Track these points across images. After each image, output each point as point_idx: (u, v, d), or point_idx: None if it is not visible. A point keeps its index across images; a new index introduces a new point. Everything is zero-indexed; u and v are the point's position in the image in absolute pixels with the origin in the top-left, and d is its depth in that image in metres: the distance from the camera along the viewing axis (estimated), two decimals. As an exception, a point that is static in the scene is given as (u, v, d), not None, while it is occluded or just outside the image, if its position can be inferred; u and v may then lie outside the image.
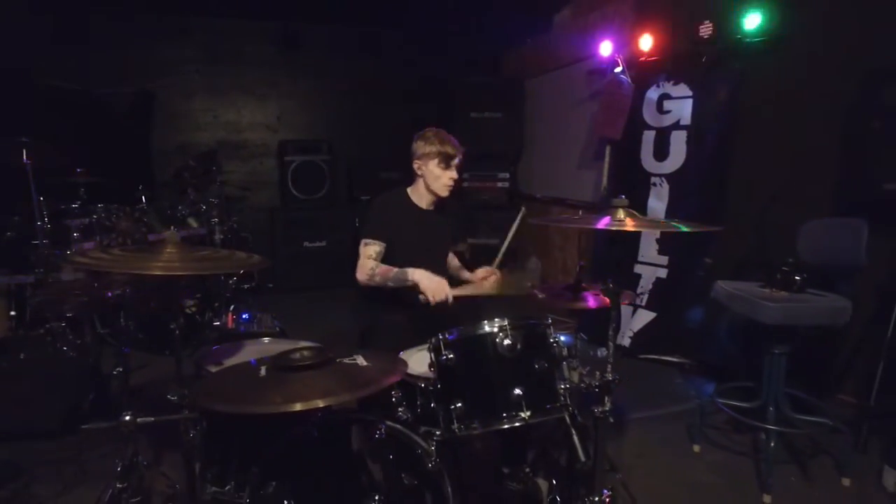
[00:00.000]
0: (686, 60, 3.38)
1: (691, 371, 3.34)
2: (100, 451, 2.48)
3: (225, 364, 1.74)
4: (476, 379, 1.40)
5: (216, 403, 1.19)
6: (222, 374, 1.42)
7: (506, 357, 1.37)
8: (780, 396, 2.26)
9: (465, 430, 1.37)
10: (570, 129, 4.86)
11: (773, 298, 2.14)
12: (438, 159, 2.08)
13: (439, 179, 2.10)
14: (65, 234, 3.44)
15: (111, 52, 5.01)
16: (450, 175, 2.10)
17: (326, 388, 1.24)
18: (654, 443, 2.59)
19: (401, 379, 1.39)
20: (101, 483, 2.17)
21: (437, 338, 1.45)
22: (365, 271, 2.03)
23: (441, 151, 2.07)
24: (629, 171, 3.76)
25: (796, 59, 2.90)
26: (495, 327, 1.38)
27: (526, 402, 1.34)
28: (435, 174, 2.09)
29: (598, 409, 1.56)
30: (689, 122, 3.39)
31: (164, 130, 5.36)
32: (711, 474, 2.32)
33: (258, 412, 1.20)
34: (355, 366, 1.41)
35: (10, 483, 2.26)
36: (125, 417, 1.28)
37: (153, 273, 1.28)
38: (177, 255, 1.38)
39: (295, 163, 5.29)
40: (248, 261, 1.44)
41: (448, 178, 2.10)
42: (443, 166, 2.08)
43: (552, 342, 1.45)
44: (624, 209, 1.50)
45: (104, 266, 1.32)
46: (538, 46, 5.35)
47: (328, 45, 5.70)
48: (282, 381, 1.31)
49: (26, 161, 3.07)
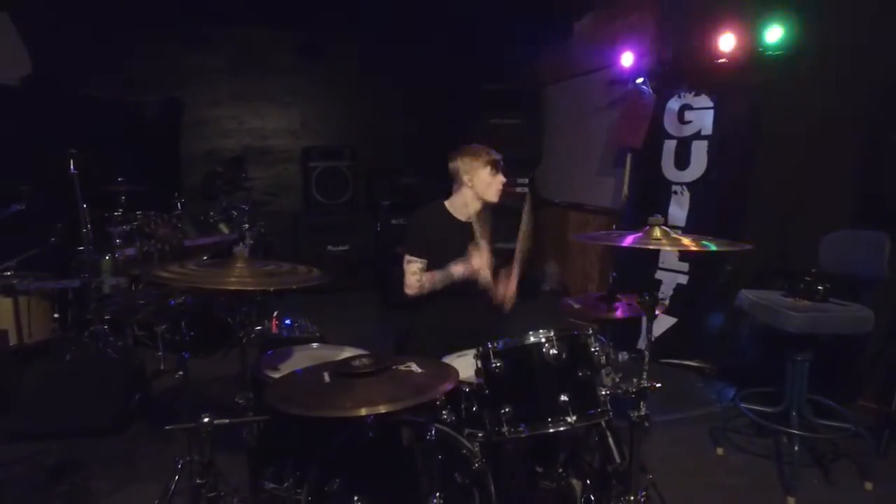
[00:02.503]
0: (707, 72, 3.45)
1: (711, 375, 3.42)
2: (148, 450, 2.63)
3: (281, 369, 1.86)
4: (523, 386, 1.51)
5: (292, 407, 1.30)
6: (289, 379, 1.53)
7: (552, 365, 1.47)
8: (803, 402, 2.34)
9: (514, 432, 1.48)
10: (588, 136, 4.95)
11: (796, 308, 2.22)
12: (490, 167, 2.24)
13: (491, 186, 2.25)
14: (107, 241, 3.60)
15: (140, 61, 5.18)
16: (500, 179, 2.27)
17: (391, 394, 1.35)
18: (678, 445, 2.67)
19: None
20: (154, 480, 2.33)
21: (485, 347, 1.56)
22: (412, 285, 2.17)
23: (491, 160, 2.24)
24: (650, 179, 3.84)
25: (818, 72, 2.97)
26: (542, 338, 1.49)
27: (572, 407, 1.44)
28: (487, 181, 2.25)
29: (635, 414, 1.66)
30: (710, 132, 3.48)
31: (191, 137, 5.51)
32: (735, 476, 2.41)
33: (331, 416, 1.30)
34: (411, 372, 1.52)
35: (70, 478, 2.39)
36: (204, 419, 1.39)
37: (230, 288, 1.40)
38: (247, 270, 1.50)
39: (319, 169, 5.43)
40: (310, 275, 1.55)
41: (499, 182, 2.27)
42: (493, 172, 2.25)
43: (593, 351, 1.55)
44: (660, 227, 1.60)
45: (185, 281, 1.44)
46: (558, 54, 5.44)
47: (349, 53, 5.83)
48: (346, 386, 1.42)
49: (73, 171, 3.22)
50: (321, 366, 1.61)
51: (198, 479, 1.35)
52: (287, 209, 5.65)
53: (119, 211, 3.52)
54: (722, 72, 3.36)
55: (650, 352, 1.67)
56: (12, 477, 2.39)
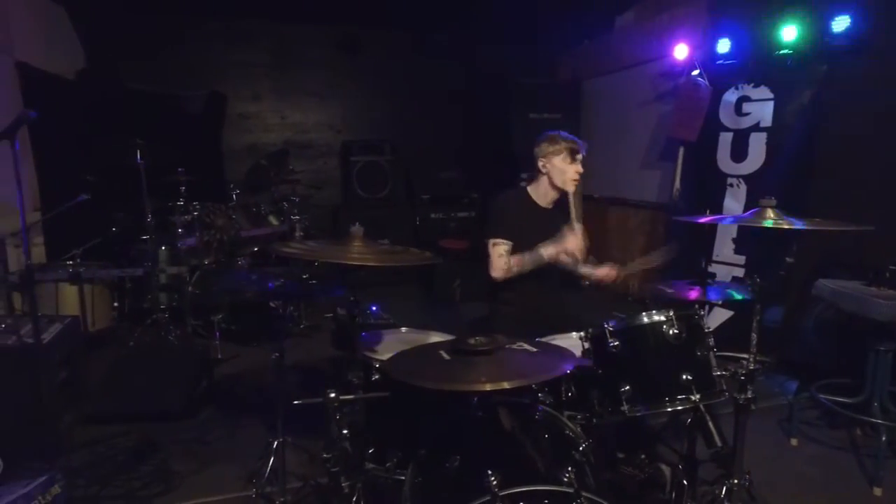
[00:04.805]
0: (768, 63, 3.43)
1: (771, 368, 3.39)
2: (221, 433, 2.68)
3: (379, 350, 1.88)
4: (644, 365, 1.51)
5: (425, 381, 1.32)
6: (407, 355, 1.55)
7: (672, 345, 1.48)
8: (885, 392, 2.32)
9: (633, 411, 1.48)
10: (632, 130, 4.93)
11: (884, 296, 2.20)
12: (565, 153, 2.22)
13: (565, 173, 2.23)
14: (167, 231, 3.66)
15: (184, 55, 5.25)
16: (576, 168, 2.24)
17: (519, 370, 1.36)
18: (748, 436, 2.65)
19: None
20: (233, 461, 2.37)
21: (599, 327, 1.56)
22: (500, 267, 2.16)
23: (568, 146, 2.22)
24: (704, 172, 3.82)
25: (884, 64, 2.94)
26: (662, 317, 1.49)
27: (695, 386, 1.45)
28: (561, 168, 2.23)
29: (742, 397, 1.66)
30: (769, 123, 3.45)
31: (234, 131, 5.58)
32: (814, 466, 2.39)
33: (468, 389, 1.32)
34: (526, 351, 1.53)
35: (151, 459, 2.44)
36: (330, 395, 1.41)
37: (352, 263, 1.42)
38: (365, 248, 1.52)
39: (360, 163, 5.46)
40: (422, 255, 1.57)
41: (574, 171, 2.23)
42: (569, 160, 2.22)
43: (707, 331, 1.55)
44: (773, 209, 1.59)
45: (309, 255, 1.46)
46: (598, 48, 5.43)
47: (388, 47, 5.87)
48: (469, 364, 1.44)
49: (140, 161, 3.28)
50: (431, 346, 1.63)
51: (324, 453, 1.36)
52: (327, 202, 5.70)
53: (181, 201, 3.58)
54: (784, 63, 3.34)
55: (757, 333, 1.66)
56: (96, 457, 2.45)
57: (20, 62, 3.61)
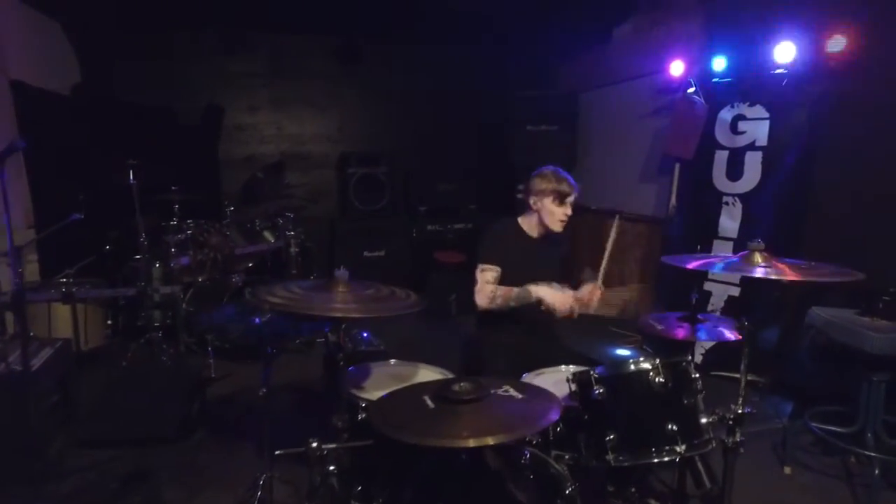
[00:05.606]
0: (764, 82, 3.41)
1: (765, 389, 3.38)
2: (214, 458, 2.67)
3: (366, 388, 1.87)
4: (629, 413, 1.50)
5: (406, 435, 1.31)
6: (390, 401, 1.54)
7: (658, 393, 1.47)
8: (879, 422, 2.30)
9: (618, 461, 1.47)
10: (628, 143, 4.91)
11: (876, 328, 2.19)
12: (553, 196, 2.21)
13: (553, 215, 2.23)
14: (161, 249, 3.65)
15: (181, 67, 5.24)
16: (564, 211, 2.23)
17: (502, 424, 1.35)
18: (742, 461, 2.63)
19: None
20: (224, 489, 2.36)
21: (584, 373, 1.55)
22: (485, 295, 2.15)
23: (557, 189, 2.20)
24: (699, 189, 3.81)
25: (882, 83, 2.92)
26: (648, 365, 1.48)
27: (680, 436, 1.43)
28: (550, 210, 2.23)
29: (730, 440, 1.65)
30: (765, 143, 3.43)
31: (231, 143, 5.57)
32: (808, 496, 2.37)
33: (450, 447, 1.31)
34: (512, 398, 1.52)
35: (142, 487, 2.43)
36: (312, 444, 1.41)
37: (335, 315, 1.41)
38: (350, 296, 1.51)
39: (357, 174, 5.45)
40: (408, 301, 1.56)
41: (562, 213, 2.23)
42: (557, 203, 2.22)
43: (695, 377, 1.54)
44: (760, 253, 1.58)
45: (292, 307, 1.45)
46: (596, 60, 5.40)
47: (387, 59, 5.85)
48: (453, 413, 1.43)
49: (133, 181, 3.27)
50: (417, 388, 1.62)
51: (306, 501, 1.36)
52: (324, 214, 5.69)
53: (174, 220, 3.57)
54: (779, 82, 3.32)
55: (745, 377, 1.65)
56: (87, 484, 2.43)
57: (14, 81, 3.60)
